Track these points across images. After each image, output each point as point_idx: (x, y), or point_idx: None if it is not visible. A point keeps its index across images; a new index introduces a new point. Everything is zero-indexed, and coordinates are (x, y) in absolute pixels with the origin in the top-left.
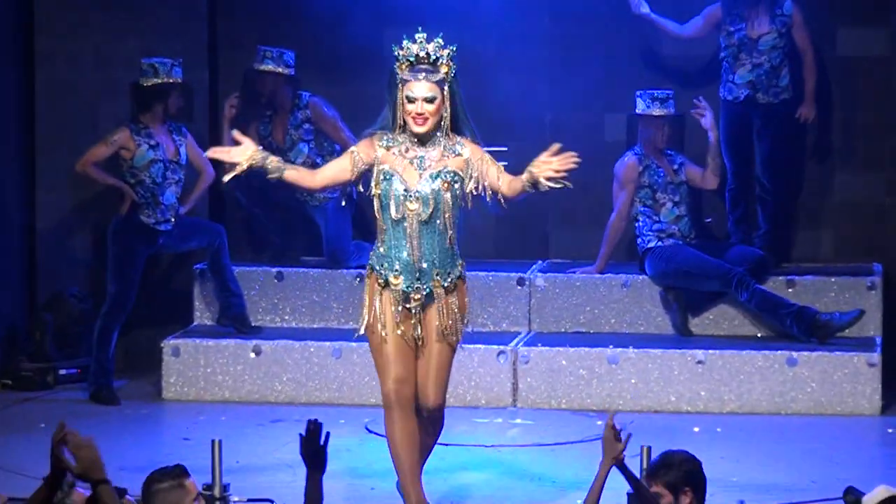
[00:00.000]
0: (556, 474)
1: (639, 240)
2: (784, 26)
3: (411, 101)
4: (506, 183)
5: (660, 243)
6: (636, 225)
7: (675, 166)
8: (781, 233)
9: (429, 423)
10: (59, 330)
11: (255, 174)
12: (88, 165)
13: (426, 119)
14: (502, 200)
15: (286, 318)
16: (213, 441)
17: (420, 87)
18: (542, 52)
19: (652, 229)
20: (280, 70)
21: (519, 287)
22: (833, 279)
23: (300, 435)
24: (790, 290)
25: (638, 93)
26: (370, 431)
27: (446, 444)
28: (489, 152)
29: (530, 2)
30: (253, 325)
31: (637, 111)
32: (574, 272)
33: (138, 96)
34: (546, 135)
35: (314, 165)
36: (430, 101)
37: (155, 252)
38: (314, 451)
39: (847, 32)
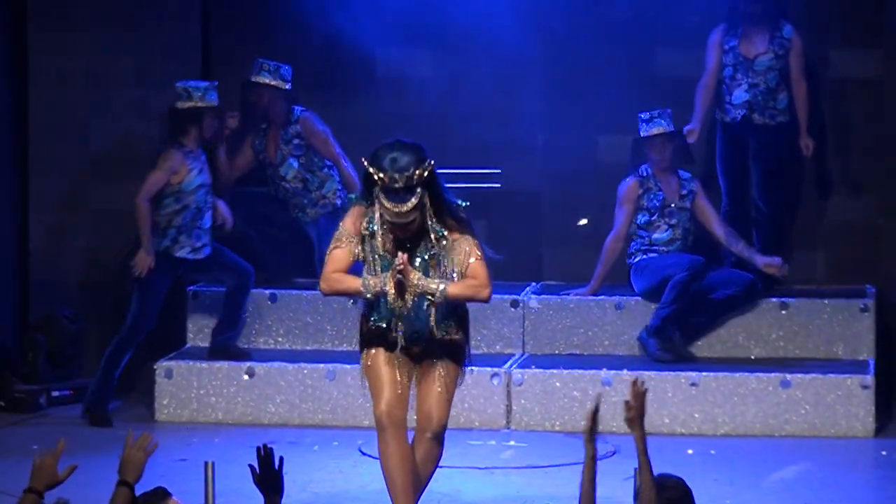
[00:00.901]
0: (549, 496)
1: (628, 259)
2: (782, 49)
3: (390, 222)
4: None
5: (643, 257)
6: (630, 244)
7: (684, 191)
8: (776, 256)
9: (430, 448)
10: (51, 351)
11: (251, 198)
12: (145, 201)
13: (408, 228)
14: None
15: (280, 339)
16: (206, 463)
17: (399, 213)
18: (536, 74)
19: (640, 248)
20: (275, 83)
21: (513, 309)
22: (826, 301)
23: (249, 465)
24: (783, 311)
25: (639, 115)
26: (364, 454)
27: (440, 466)
28: (482, 175)
29: (524, 23)
30: (241, 347)
31: (640, 134)
32: (568, 294)
33: (176, 120)
34: (539, 156)
35: (304, 181)
36: (412, 221)
37: (181, 278)
38: (270, 476)
39: (839, 54)
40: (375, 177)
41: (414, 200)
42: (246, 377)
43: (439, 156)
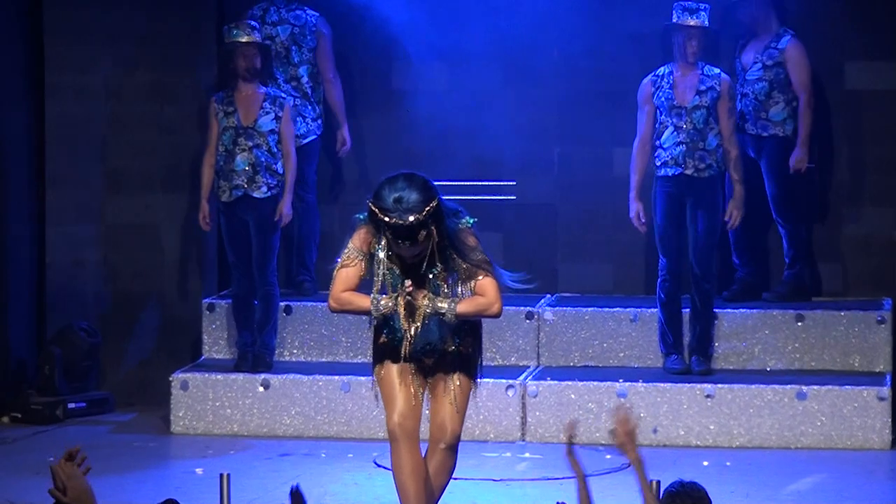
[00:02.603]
0: None
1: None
2: (771, 60)
3: (399, 256)
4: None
5: (656, 185)
6: None
7: (703, 87)
8: (799, 269)
9: (445, 459)
10: (67, 364)
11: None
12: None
13: (417, 258)
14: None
15: (294, 351)
16: (221, 475)
17: (406, 250)
18: (551, 87)
19: (656, 154)
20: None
21: (528, 321)
22: (843, 313)
23: None
24: (799, 323)
25: (674, 5)
26: (378, 465)
27: (455, 479)
28: (497, 188)
29: (539, 37)
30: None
31: (672, 21)
32: None
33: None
34: (555, 169)
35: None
36: (419, 252)
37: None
38: None
39: (856, 66)
40: (382, 218)
41: (423, 235)
42: (261, 389)
43: (455, 168)
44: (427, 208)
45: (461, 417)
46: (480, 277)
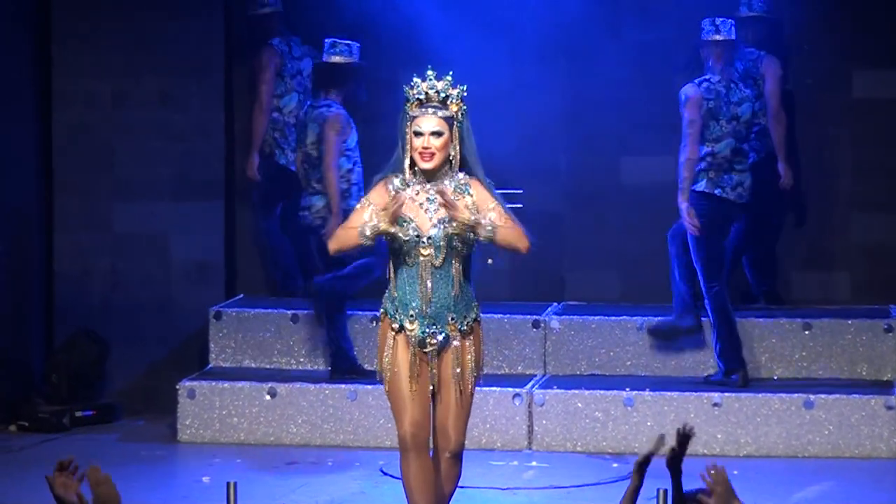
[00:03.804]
0: None
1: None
2: (749, 78)
3: (418, 135)
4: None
5: (702, 186)
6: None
7: (736, 98)
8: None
9: (449, 467)
10: (75, 372)
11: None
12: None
13: (433, 154)
14: (458, 281)
15: (301, 360)
16: (228, 484)
17: (427, 122)
18: (558, 95)
19: (701, 153)
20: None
21: (534, 329)
22: (850, 321)
23: None
24: (806, 332)
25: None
26: (385, 474)
27: (462, 487)
28: (503, 195)
29: (545, 44)
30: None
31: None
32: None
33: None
34: (562, 179)
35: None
36: (438, 135)
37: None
38: None
39: (863, 74)
40: (414, 90)
41: (445, 117)
42: (268, 397)
43: None
44: (459, 89)
45: (465, 425)
46: (492, 205)
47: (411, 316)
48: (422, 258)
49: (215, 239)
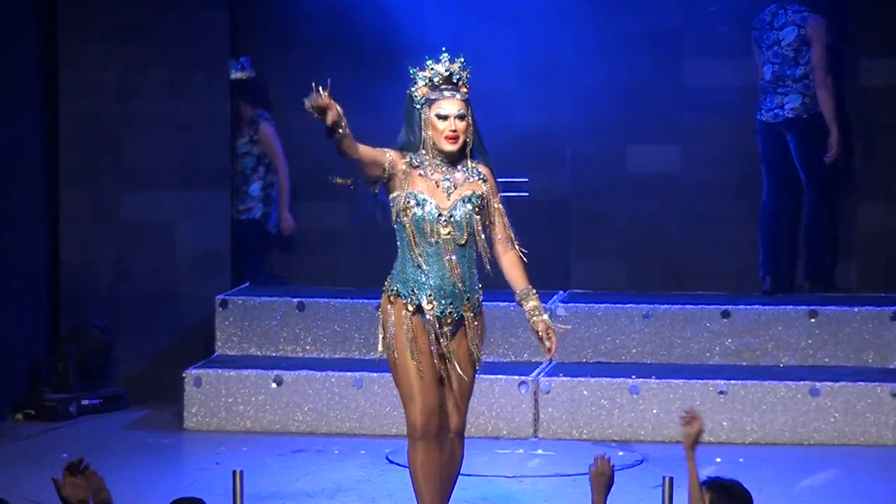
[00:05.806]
0: None
1: None
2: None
3: (443, 118)
4: (500, 245)
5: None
6: None
7: (779, 24)
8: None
9: (454, 447)
10: (82, 361)
11: None
12: None
13: (458, 137)
14: (486, 258)
15: (307, 347)
16: (234, 472)
17: (451, 105)
18: (564, 84)
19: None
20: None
21: None
22: (856, 309)
23: None
24: (812, 319)
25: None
26: (391, 462)
27: (467, 475)
28: (510, 184)
29: (551, 33)
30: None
31: None
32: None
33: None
34: (567, 167)
35: None
36: (461, 118)
37: None
38: None
39: (869, 62)
40: (427, 72)
41: (464, 100)
42: (274, 385)
43: None
44: (468, 71)
45: (467, 405)
46: (497, 206)
47: (429, 295)
48: (444, 237)
49: (221, 228)
